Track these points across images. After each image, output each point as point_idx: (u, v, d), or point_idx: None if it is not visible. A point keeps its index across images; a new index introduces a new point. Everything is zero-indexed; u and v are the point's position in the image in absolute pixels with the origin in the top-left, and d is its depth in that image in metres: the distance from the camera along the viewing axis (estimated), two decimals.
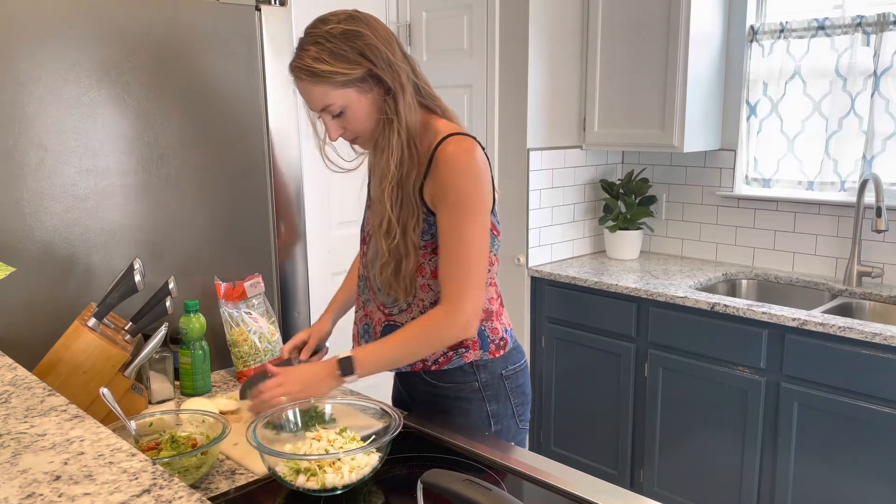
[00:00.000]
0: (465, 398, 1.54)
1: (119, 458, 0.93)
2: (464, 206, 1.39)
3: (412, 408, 1.63)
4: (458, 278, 1.40)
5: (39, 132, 1.60)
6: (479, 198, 1.40)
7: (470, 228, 1.39)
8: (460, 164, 1.39)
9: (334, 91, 1.36)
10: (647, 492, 2.80)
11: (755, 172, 3.08)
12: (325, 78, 1.35)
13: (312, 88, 1.37)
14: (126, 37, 1.69)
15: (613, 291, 2.81)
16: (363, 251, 1.59)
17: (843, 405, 2.27)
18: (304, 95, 1.41)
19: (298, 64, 1.36)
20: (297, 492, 1.22)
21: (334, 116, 1.41)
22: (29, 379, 1.22)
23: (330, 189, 2.97)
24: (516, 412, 1.58)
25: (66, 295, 1.67)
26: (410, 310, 1.50)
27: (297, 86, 1.40)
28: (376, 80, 1.38)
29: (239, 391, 1.63)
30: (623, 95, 3.03)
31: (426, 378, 1.55)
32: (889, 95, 2.64)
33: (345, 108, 1.39)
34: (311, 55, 1.34)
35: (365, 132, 1.44)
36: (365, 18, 1.38)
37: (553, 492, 1.25)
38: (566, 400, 3.07)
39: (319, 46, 1.34)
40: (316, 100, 1.39)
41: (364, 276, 1.59)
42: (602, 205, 3.36)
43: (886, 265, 2.73)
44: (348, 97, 1.37)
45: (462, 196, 1.39)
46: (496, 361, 1.54)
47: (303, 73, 1.36)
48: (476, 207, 1.40)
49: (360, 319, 1.61)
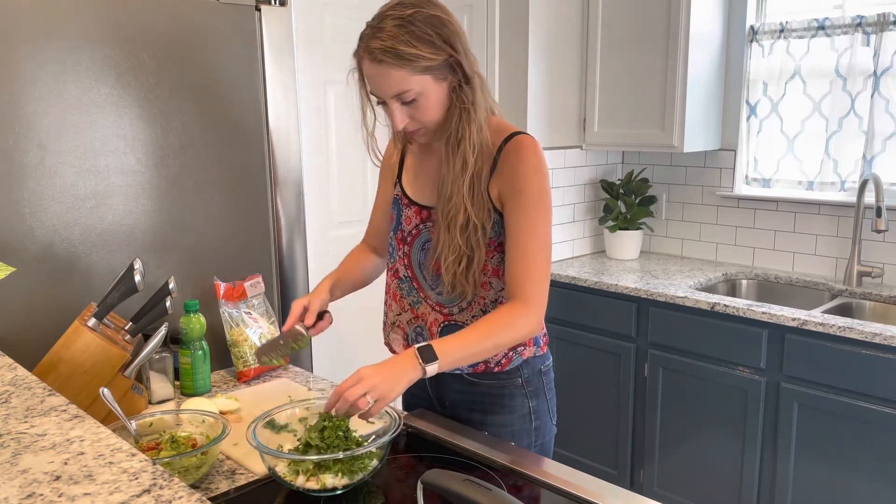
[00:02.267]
0: (508, 395, 1.53)
1: (119, 458, 0.93)
2: (534, 204, 1.39)
3: (438, 409, 1.59)
4: (531, 275, 1.39)
5: (39, 132, 1.60)
6: (547, 196, 1.41)
7: (540, 226, 1.39)
8: (532, 162, 1.40)
9: (413, 76, 1.31)
10: (647, 492, 2.80)
11: (755, 172, 3.08)
12: (409, 61, 1.30)
13: (392, 72, 1.31)
14: (126, 37, 1.69)
15: (613, 291, 2.81)
16: (404, 252, 1.53)
17: (843, 405, 2.27)
18: (378, 79, 1.33)
19: (379, 45, 1.29)
20: (297, 492, 1.22)
21: (405, 103, 1.35)
22: (29, 379, 1.22)
23: (330, 189, 2.97)
24: (550, 408, 1.59)
25: (66, 295, 1.67)
26: (471, 308, 1.47)
27: (369, 69, 1.33)
28: (453, 69, 1.35)
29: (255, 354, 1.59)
30: (623, 95, 3.03)
31: (467, 377, 1.53)
32: (889, 95, 2.64)
33: (419, 94, 1.34)
34: (394, 36, 1.29)
35: (433, 122, 1.39)
36: (442, 6, 1.36)
37: (553, 492, 1.25)
38: (566, 400, 3.06)
39: (402, 29, 1.29)
40: (392, 84, 1.32)
41: (409, 277, 1.53)
42: (602, 205, 3.36)
43: (886, 265, 2.73)
44: (425, 84, 1.33)
45: (533, 194, 1.39)
46: (536, 357, 1.55)
47: (387, 54, 1.29)
48: (545, 206, 1.41)
49: (408, 323, 1.55)
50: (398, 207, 1.56)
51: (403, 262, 1.54)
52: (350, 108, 2.87)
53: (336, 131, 2.85)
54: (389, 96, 1.35)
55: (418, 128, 1.40)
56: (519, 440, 1.52)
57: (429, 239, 1.48)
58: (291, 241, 2.08)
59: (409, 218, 1.53)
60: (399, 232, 1.55)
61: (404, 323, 1.57)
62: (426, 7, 1.32)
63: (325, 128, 2.84)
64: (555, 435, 1.63)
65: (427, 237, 1.49)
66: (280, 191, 2.03)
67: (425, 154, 1.54)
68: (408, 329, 1.56)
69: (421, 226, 1.51)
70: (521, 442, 1.53)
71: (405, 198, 1.55)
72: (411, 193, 1.54)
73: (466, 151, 1.37)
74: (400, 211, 1.55)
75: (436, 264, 1.46)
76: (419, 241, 1.51)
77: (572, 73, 3.13)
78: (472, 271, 1.42)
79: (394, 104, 1.36)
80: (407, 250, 1.53)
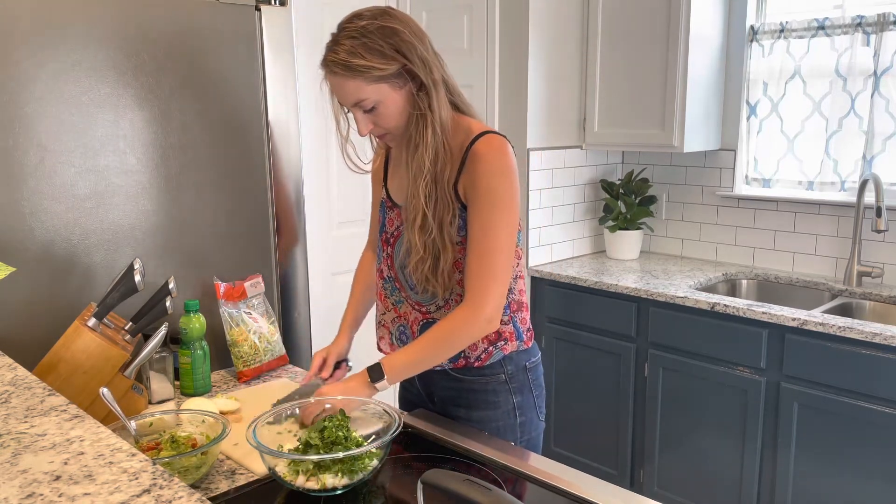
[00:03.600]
0: (493, 391, 1.55)
1: (119, 458, 0.93)
2: (493, 203, 1.41)
3: (430, 405, 1.62)
4: (481, 274, 1.42)
5: (39, 132, 1.60)
6: (509, 196, 1.43)
7: (497, 226, 1.42)
8: (494, 162, 1.42)
9: (368, 86, 1.37)
10: (647, 492, 2.80)
11: (755, 172, 3.08)
12: (360, 72, 1.35)
13: (346, 83, 1.37)
14: (126, 37, 1.69)
15: (613, 291, 2.81)
16: (388, 253, 1.58)
17: (843, 405, 2.27)
18: (337, 90, 1.41)
19: (333, 58, 1.36)
20: (297, 492, 1.22)
21: (366, 111, 1.42)
22: (29, 379, 1.22)
23: (330, 189, 2.97)
24: (537, 404, 1.60)
25: (66, 295, 1.67)
26: (448, 305, 1.50)
27: (330, 80, 1.40)
28: (410, 76, 1.39)
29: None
30: (623, 95, 3.03)
31: (452, 373, 1.55)
32: (889, 95, 2.64)
33: (378, 102, 1.39)
34: (346, 49, 1.35)
35: (396, 128, 1.44)
36: (399, 15, 1.40)
37: (553, 492, 1.25)
38: (566, 400, 3.07)
39: (355, 41, 1.35)
40: (349, 94, 1.39)
41: (392, 277, 1.58)
42: (602, 205, 3.36)
43: (886, 265, 2.73)
44: (382, 92, 1.38)
45: (492, 194, 1.41)
46: (520, 353, 1.56)
47: (338, 66, 1.36)
48: (505, 206, 1.42)
49: (392, 322, 1.60)
50: (384, 210, 1.60)
51: (387, 262, 1.59)
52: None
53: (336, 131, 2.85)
54: (350, 105, 1.42)
55: (383, 133, 1.47)
56: (504, 436, 1.54)
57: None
58: (291, 241, 2.08)
59: (392, 220, 1.57)
60: (384, 233, 1.59)
61: (389, 322, 1.61)
62: (380, 18, 1.37)
63: (325, 128, 2.84)
64: (543, 430, 1.65)
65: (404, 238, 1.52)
66: (280, 190, 2.03)
67: (402, 157, 1.57)
68: (392, 328, 1.60)
69: (401, 227, 1.54)
70: (507, 438, 1.55)
71: (389, 200, 1.59)
72: (393, 195, 1.59)
73: (422, 155, 1.41)
74: (385, 213, 1.60)
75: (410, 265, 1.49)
76: (400, 242, 1.54)
77: (572, 73, 3.13)
78: (440, 270, 1.45)
79: (356, 112, 1.43)
80: (390, 251, 1.57)
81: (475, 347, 1.51)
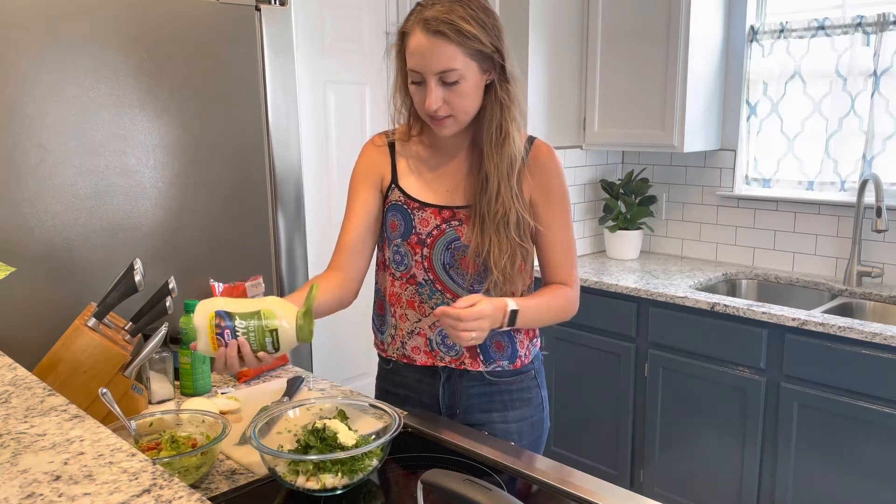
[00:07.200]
0: (526, 388, 1.58)
1: (119, 458, 0.93)
2: (567, 203, 1.52)
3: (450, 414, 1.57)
4: (572, 264, 1.53)
5: (39, 132, 1.60)
6: (569, 195, 1.55)
7: (571, 221, 1.55)
8: (560, 165, 1.51)
9: (463, 57, 1.32)
10: (647, 492, 2.80)
11: (755, 172, 3.08)
12: (465, 39, 1.31)
13: (444, 47, 1.31)
14: (126, 37, 1.69)
15: (613, 291, 2.81)
16: (423, 255, 1.49)
17: (843, 405, 2.27)
18: (427, 52, 1.32)
19: (445, 17, 1.30)
20: (297, 492, 1.22)
21: (446, 84, 1.34)
22: (29, 379, 1.22)
23: (330, 189, 2.97)
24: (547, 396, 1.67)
25: (66, 295, 1.67)
26: None
27: (420, 41, 1.32)
28: (494, 63, 1.37)
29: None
30: (623, 95, 3.03)
31: (487, 377, 1.54)
32: (889, 95, 2.64)
33: (462, 77, 1.34)
34: (458, 14, 1.30)
35: (465, 111, 1.39)
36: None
37: (553, 491, 1.25)
38: (566, 400, 3.07)
39: (466, 9, 1.31)
40: (440, 59, 1.31)
41: (431, 280, 1.49)
42: (602, 205, 3.36)
43: (886, 265, 2.73)
44: (470, 69, 1.34)
45: (564, 195, 1.51)
46: (540, 348, 1.63)
47: (445, 25, 1.30)
48: (570, 204, 1.54)
49: (431, 328, 1.52)
50: (404, 212, 1.50)
51: (422, 265, 1.50)
52: (350, 108, 2.88)
53: (336, 131, 2.85)
54: (433, 73, 1.33)
55: (448, 115, 1.38)
56: (536, 429, 1.59)
57: (455, 238, 1.46)
58: (291, 241, 2.08)
59: (426, 220, 1.49)
60: (413, 236, 1.49)
61: (426, 329, 1.53)
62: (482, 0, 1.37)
63: (325, 128, 2.84)
64: None
65: (453, 237, 1.47)
66: (280, 191, 2.03)
67: (430, 154, 1.52)
68: (430, 333, 1.53)
69: (444, 226, 1.47)
70: (539, 430, 1.59)
71: (413, 201, 1.50)
72: (421, 196, 1.50)
73: (512, 149, 1.42)
74: (408, 215, 1.50)
75: (472, 264, 1.46)
76: (442, 242, 1.48)
77: (572, 73, 3.13)
78: (526, 266, 1.50)
79: (432, 82, 1.34)
80: (427, 253, 1.49)
81: (522, 345, 1.54)
